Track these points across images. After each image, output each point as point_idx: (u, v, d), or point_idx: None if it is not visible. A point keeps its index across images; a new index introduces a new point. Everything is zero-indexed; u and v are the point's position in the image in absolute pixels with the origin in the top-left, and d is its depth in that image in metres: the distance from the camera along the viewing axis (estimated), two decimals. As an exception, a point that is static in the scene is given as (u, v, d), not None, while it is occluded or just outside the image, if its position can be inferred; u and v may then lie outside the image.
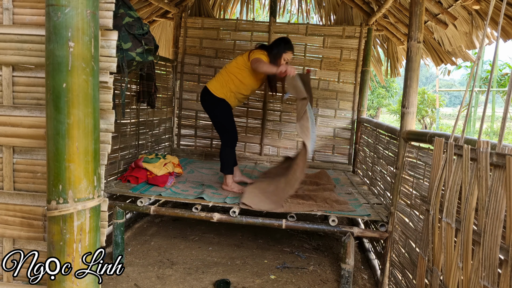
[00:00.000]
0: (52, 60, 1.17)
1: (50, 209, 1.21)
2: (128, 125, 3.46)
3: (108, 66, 1.37)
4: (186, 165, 4.08)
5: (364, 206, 2.87)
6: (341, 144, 4.51)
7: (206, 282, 2.61)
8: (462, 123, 10.09)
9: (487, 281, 1.26)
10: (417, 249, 2.04)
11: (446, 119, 19.33)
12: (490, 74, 1.35)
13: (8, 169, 1.42)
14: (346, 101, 4.47)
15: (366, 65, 4.36)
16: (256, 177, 3.72)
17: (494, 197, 1.26)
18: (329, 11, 4.76)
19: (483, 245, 1.29)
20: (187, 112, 4.70)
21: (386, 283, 2.54)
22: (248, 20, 4.73)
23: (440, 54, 3.91)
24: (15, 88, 1.40)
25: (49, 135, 1.20)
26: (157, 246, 3.16)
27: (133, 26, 2.31)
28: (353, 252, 2.53)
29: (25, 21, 1.37)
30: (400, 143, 2.47)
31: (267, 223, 2.66)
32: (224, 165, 3.15)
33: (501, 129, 1.24)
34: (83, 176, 1.22)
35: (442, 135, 1.78)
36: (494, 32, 2.87)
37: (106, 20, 1.33)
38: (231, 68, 3.15)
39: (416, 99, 2.39)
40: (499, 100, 12.63)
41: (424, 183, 2.05)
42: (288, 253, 3.19)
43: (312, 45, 4.45)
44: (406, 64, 2.41)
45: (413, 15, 2.33)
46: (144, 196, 2.83)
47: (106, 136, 1.39)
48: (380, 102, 14.72)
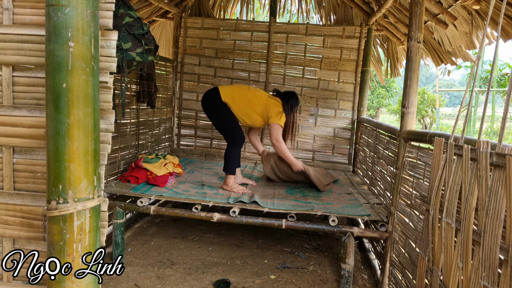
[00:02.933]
0: (52, 60, 1.17)
1: (50, 209, 1.21)
2: (128, 125, 3.46)
3: (108, 66, 1.37)
4: (186, 165, 4.08)
5: (364, 206, 2.87)
6: (341, 144, 4.51)
7: (206, 282, 2.61)
8: (462, 123, 10.09)
9: (487, 281, 1.26)
10: (417, 249, 2.04)
11: (446, 119, 19.33)
12: (490, 74, 1.35)
13: (8, 169, 1.42)
14: (346, 101, 4.47)
15: (366, 65, 4.36)
16: (256, 177, 3.73)
17: (494, 197, 1.26)
18: (329, 11, 4.76)
19: (483, 245, 1.29)
20: (187, 112, 4.70)
21: (386, 283, 2.54)
22: (248, 20, 4.73)
23: (440, 54, 3.91)
24: (15, 88, 1.40)
25: (49, 135, 1.20)
26: (157, 246, 3.16)
27: (133, 26, 2.31)
28: (353, 252, 2.53)
29: (25, 21, 1.37)
30: (400, 143, 2.47)
31: (267, 223, 2.66)
32: (229, 164, 3.14)
33: (501, 129, 1.24)
34: (83, 176, 1.22)
35: (442, 135, 1.78)
36: (494, 32, 2.87)
37: (106, 20, 1.33)
38: (252, 99, 3.17)
39: (416, 99, 2.39)
40: (499, 100, 12.64)
41: (424, 183, 2.05)
42: (288, 253, 3.19)
43: (312, 45, 4.45)
44: (406, 64, 2.41)
45: (413, 15, 2.33)
46: (145, 196, 2.82)
47: (106, 136, 1.39)
48: (380, 102, 14.72)
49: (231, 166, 3.13)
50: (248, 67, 4.56)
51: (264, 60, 4.51)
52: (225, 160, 3.16)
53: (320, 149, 4.53)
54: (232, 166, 3.14)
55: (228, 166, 3.14)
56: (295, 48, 4.49)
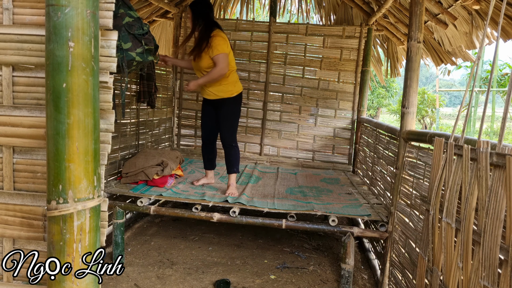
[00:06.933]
0: (52, 60, 1.17)
1: (50, 209, 1.21)
2: (128, 125, 3.46)
3: (108, 66, 1.37)
4: (186, 165, 4.08)
5: (364, 206, 2.87)
6: (341, 144, 4.51)
7: (206, 282, 2.61)
8: (462, 123, 10.08)
9: (487, 281, 1.26)
10: (417, 249, 2.04)
11: (446, 119, 19.33)
12: (490, 74, 1.35)
13: (8, 169, 1.42)
14: (346, 101, 4.47)
15: (366, 65, 4.36)
16: (257, 177, 3.73)
17: (494, 197, 1.26)
18: (329, 11, 4.76)
19: (483, 245, 1.29)
20: (187, 112, 4.70)
21: (386, 283, 2.54)
22: (248, 20, 4.73)
23: (440, 54, 3.91)
24: (15, 88, 1.40)
25: (49, 135, 1.20)
26: (157, 246, 3.16)
27: (133, 26, 2.31)
28: (353, 252, 2.53)
29: (25, 21, 1.37)
30: (400, 143, 2.47)
31: (267, 223, 2.66)
32: (238, 164, 3.12)
33: (501, 129, 1.24)
34: (83, 176, 1.22)
35: (442, 135, 1.78)
36: (494, 32, 2.87)
37: (106, 20, 1.33)
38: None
39: (416, 99, 2.39)
40: (499, 100, 12.63)
41: (424, 183, 2.05)
42: (288, 253, 3.19)
43: (312, 45, 4.45)
44: (406, 64, 2.41)
45: (413, 15, 2.33)
46: (145, 196, 2.82)
47: (106, 136, 1.39)
48: (380, 102, 14.72)
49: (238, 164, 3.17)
50: (248, 67, 4.56)
51: (264, 60, 4.51)
52: (235, 162, 3.10)
53: (320, 149, 4.53)
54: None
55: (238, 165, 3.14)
56: (295, 48, 4.49)
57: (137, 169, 3.08)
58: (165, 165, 3.14)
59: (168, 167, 3.14)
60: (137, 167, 3.09)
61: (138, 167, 3.09)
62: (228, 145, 3.08)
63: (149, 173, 3.06)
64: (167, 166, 3.14)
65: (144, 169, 3.07)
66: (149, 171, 3.07)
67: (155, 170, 3.08)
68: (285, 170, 4.23)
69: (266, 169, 4.20)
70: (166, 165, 3.14)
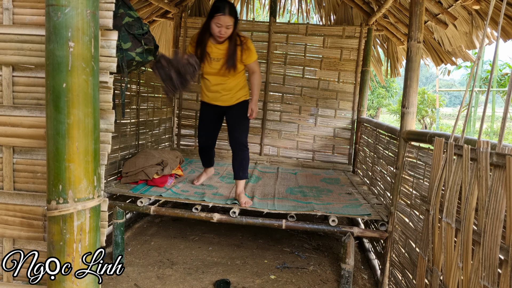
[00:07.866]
0: (52, 60, 1.17)
1: (50, 209, 1.21)
2: (128, 125, 3.46)
3: (108, 66, 1.37)
4: (186, 165, 4.08)
5: (364, 206, 2.87)
6: (341, 144, 4.51)
7: (206, 282, 2.61)
8: (462, 123, 10.09)
9: (487, 281, 1.26)
10: (417, 249, 2.04)
11: (446, 119, 19.33)
12: (490, 74, 1.35)
13: (8, 169, 1.42)
14: (346, 101, 4.47)
15: (366, 65, 4.36)
16: (257, 177, 3.73)
17: (494, 197, 1.26)
18: (329, 11, 4.76)
19: (483, 245, 1.29)
20: (187, 112, 4.70)
21: (386, 283, 2.54)
22: (248, 20, 4.73)
23: (440, 54, 3.91)
24: (15, 88, 1.40)
25: (49, 135, 1.20)
26: (157, 246, 3.16)
27: (133, 26, 2.31)
28: (353, 252, 2.53)
29: (25, 21, 1.37)
30: (400, 143, 2.47)
31: (267, 223, 2.66)
32: (248, 169, 2.97)
33: (501, 129, 1.24)
34: (83, 176, 1.22)
35: (442, 135, 1.78)
36: (494, 32, 2.87)
37: (106, 20, 1.33)
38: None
39: (416, 99, 2.39)
40: (499, 100, 12.64)
41: (424, 183, 2.05)
42: (288, 253, 3.19)
43: (312, 45, 4.45)
44: (406, 64, 2.41)
45: (413, 15, 2.33)
46: (145, 196, 2.82)
47: (106, 136, 1.39)
48: (380, 102, 14.73)
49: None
50: (248, 67, 4.55)
51: (264, 60, 4.51)
52: (245, 166, 2.94)
53: (320, 149, 4.53)
54: None
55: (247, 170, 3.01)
56: (295, 48, 4.49)
57: (137, 169, 3.08)
58: (165, 165, 3.14)
59: (168, 167, 3.14)
60: (137, 167, 3.09)
61: (138, 167, 3.09)
62: (242, 147, 2.91)
63: (149, 172, 3.06)
64: (167, 166, 3.14)
65: (144, 168, 3.07)
66: (149, 171, 3.07)
67: (155, 170, 3.08)
68: (285, 170, 4.23)
69: (266, 169, 4.20)
70: (166, 165, 3.14)
